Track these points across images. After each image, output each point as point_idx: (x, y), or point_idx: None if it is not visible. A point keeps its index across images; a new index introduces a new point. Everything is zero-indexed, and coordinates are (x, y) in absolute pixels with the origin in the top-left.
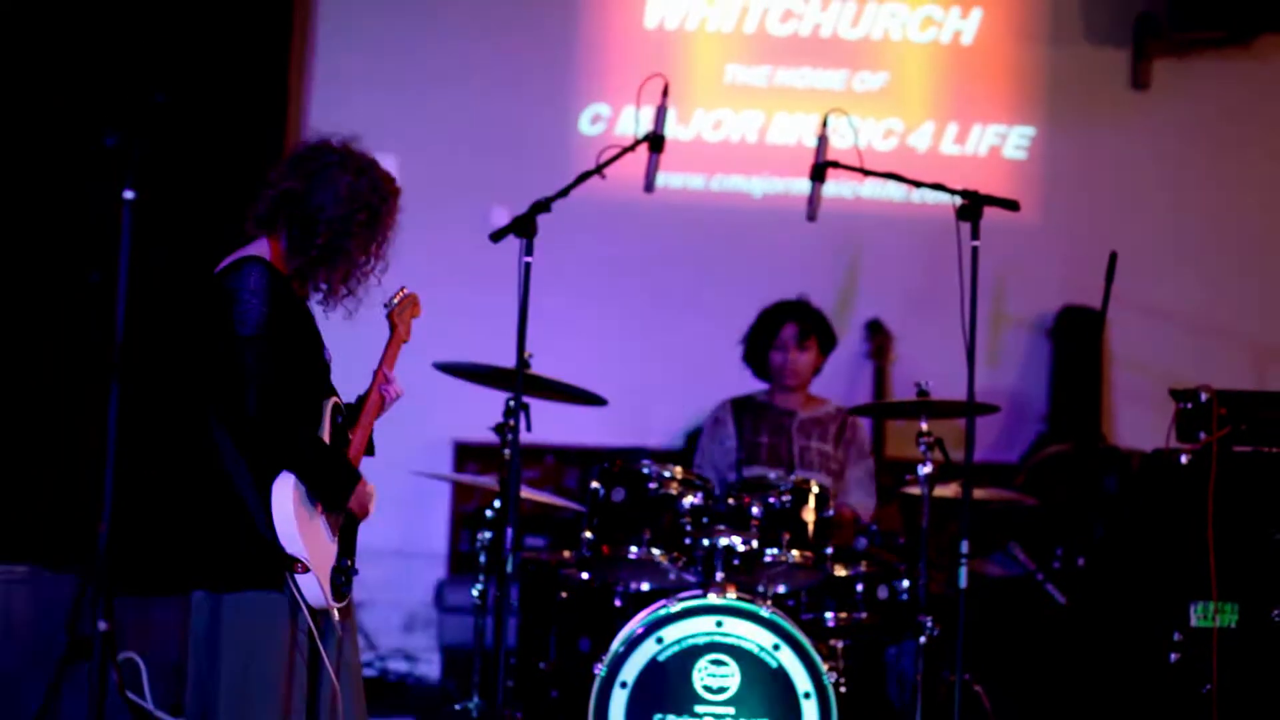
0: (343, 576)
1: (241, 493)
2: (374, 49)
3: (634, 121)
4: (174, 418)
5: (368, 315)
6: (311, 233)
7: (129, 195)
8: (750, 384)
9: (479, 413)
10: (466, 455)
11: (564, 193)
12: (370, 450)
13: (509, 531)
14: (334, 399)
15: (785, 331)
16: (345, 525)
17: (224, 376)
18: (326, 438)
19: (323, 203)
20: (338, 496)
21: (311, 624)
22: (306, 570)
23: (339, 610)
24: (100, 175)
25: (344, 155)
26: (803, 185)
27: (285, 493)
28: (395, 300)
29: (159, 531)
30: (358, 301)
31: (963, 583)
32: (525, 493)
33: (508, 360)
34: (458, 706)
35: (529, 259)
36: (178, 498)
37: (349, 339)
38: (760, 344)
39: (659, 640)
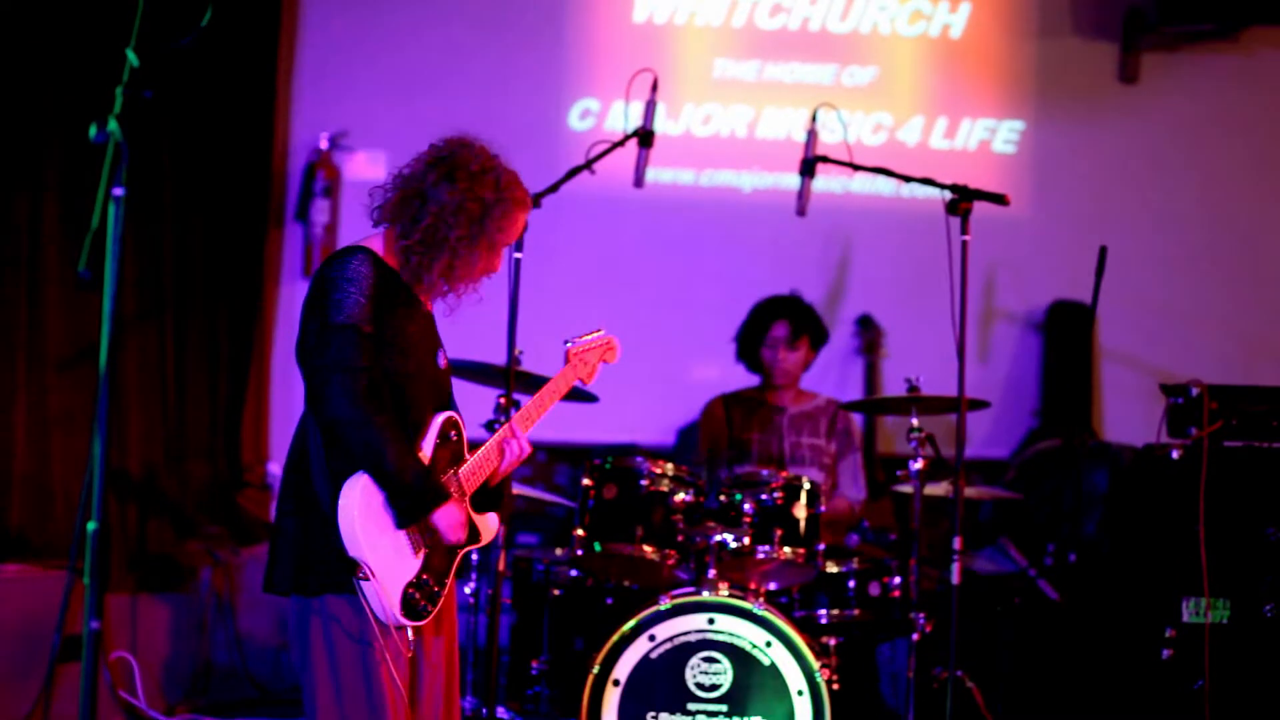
0: (420, 596)
1: (321, 493)
2: (360, 45)
3: (623, 116)
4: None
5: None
6: (418, 217)
7: (118, 192)
8: (742, 379)
9: (470, 410)
10: None
11: (554, 188)
12: (495, 503)
13: (501, 529)
14: (450, 414)
15: (776, 330)
16: (449, 549)
17: (311, 367)
18: (429, 452)
19: (438, 190)
20: (411, 510)
21: (378, 634)
22: (368, 578)
23: (421, 627)
24: (88, 171)
25: (474, 151)
26: (792, 180)
27: (354, 492)
28: (585, 339)
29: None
30: (458, 300)
31: (955, 579)
32: (516, 489)
33: (498, 357)
34: None
35: (519, 255)
36: (283, 500)
37: None
38: (752, 341)
39: (651, 638)
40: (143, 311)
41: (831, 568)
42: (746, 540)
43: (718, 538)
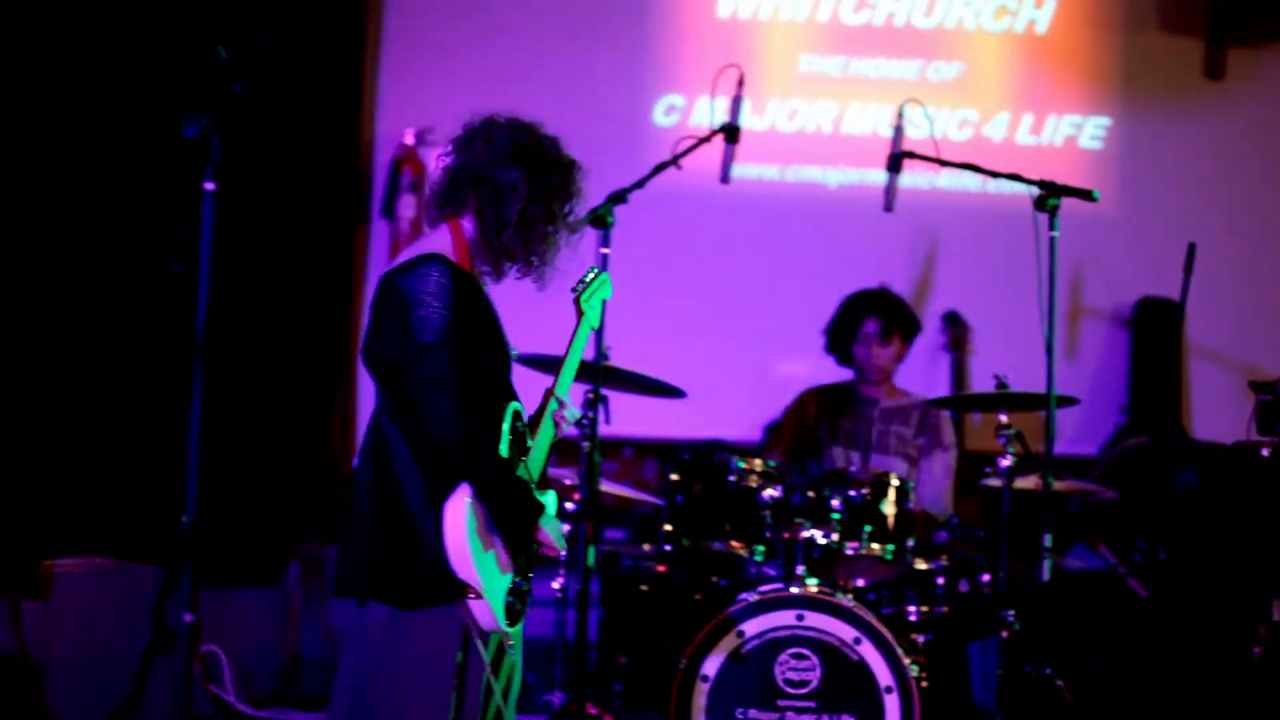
0: (516, 599)
1: (413, 506)
2: (446, 40)
3: (709, 112)
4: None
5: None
6: (502, 204)
7: (209, 187)
8: (829, 374)
9: None
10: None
11: (640, 184)
12: (546, 484)
13: (588, 525)
14: (515, 404)
15: (868, 326)
16: (533, 545)
17: (402, 386)
18: (504, 446)
19: (512, 173)
20: (519, 528)
21: (481, 647)
22: (478, 596)
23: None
24: (180, 166)
25: (517, 124)
26: (878, 175)
27: (459, 513)
28: (584, 281)
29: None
30: (555, 271)
31: (1045, 576)
32: (604, 486)
33: (586, 353)
34: (540, 700)
35: (606, 250)
36: (359, 503)
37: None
38: (843, 337)
39: (740, 634)
40: (233, 306)
41: (920, 564)
42: (835, 536)
43: (806, 534)
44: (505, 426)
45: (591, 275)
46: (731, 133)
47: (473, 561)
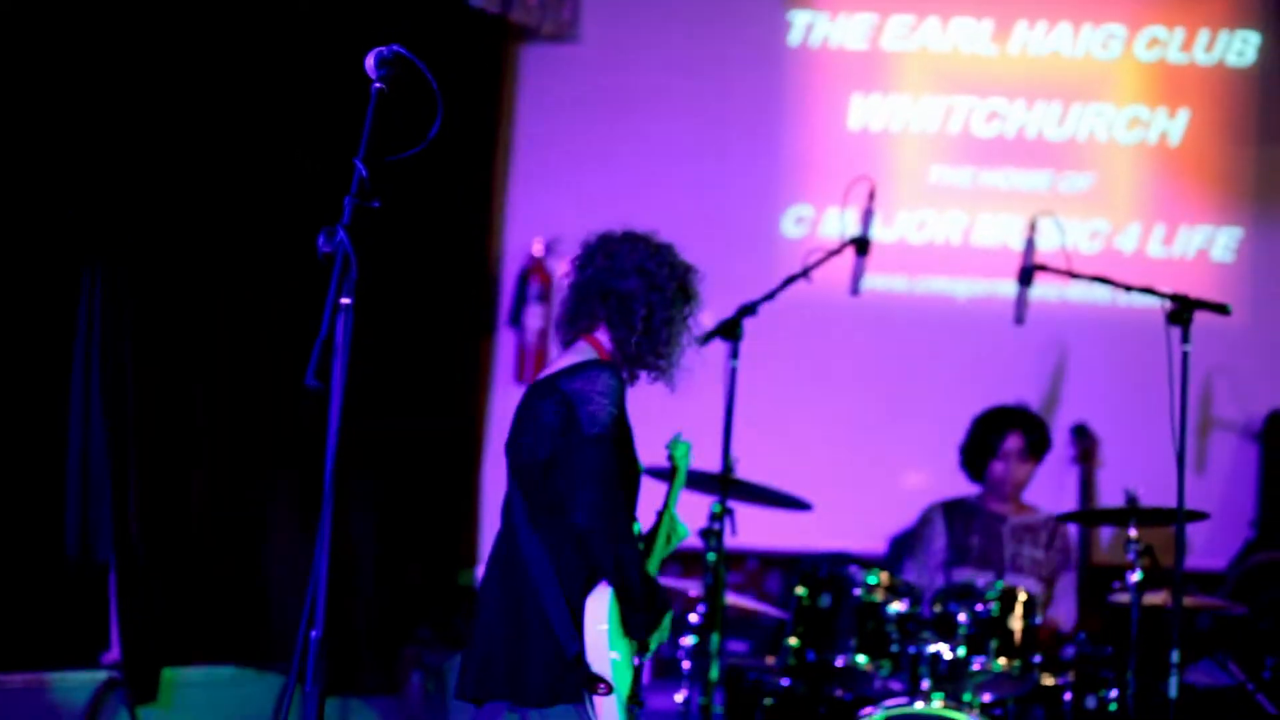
0: (635, 701)
1: (547, 605)
2: (573, 150)
3: (838, 222)
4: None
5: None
6: (630, 313)
7: (345, 301)
8: (956, 488)
9: (681, 517)
10: (667, 559)
11: (771, 296)
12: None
13: (714, 637)
14: (635, 524)
15: (1009, 442)
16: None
17: (559, 478)
18: None
19: (631, 281)
20: (648, 626)
21: None
22: (609, 692)
23: None
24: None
25: (631, 235)
26: (1007, 287)
27: (600, 607)
28: (677, 441)
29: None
30: (684, 372)
31: (1173, 693)
32: (729, 598)
33: (713, 464)
34: None
35: (735, 363)
36: (486, 606)
37: None
38: (981, 452)
39: None
40: (360, 417)
41: (1047, 680)
42: (961, 651)
43: (932, 648)
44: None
45: (676, 440)
46: (862, 245)
47: (609, 655)
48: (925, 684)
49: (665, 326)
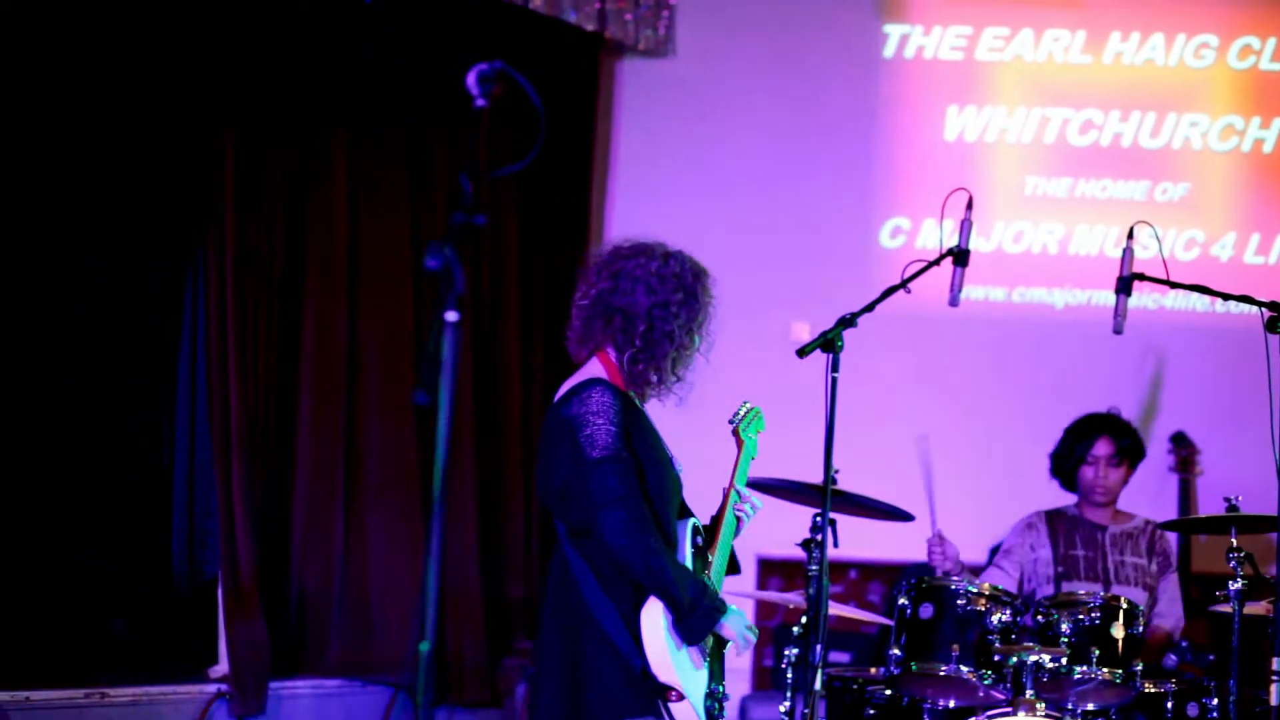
0: (715, 704)
1: (604, 623)
2: (671, 163)
3: (935, 234)
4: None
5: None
6: (632, 326)
7: (451, 317)
8: (1056, 498)
9: (783, 528)
10: (769, 570)
11: (870, 308)
12: (735, 568)
13: (817, 648)
14: (692, 520)
15: (1098, 448)
16: (713, 649)
17: (578, 506)
18: (687, 562)
19: (634, 294)
20: (699, 628)
21: None
22: (681, 699)
23: None
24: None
25: (639, 248)
26: (1105, 296)
27: (655, 618)
28: (740, 415)
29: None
30: (690, 387)
31: (1273, 700)
32: (832, 608)
33: (814, 476)
34: None
35: (835, 375)
36: (545, 630)
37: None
38: (1071, 459)
39: None
40: (461, 433)
41: (1149, 688)
42: (1064, 660)
43: (1034, 657)
44: (686, 541)
45: (745, 409)
46: (961, 256)
47: (672, 664)
48: (1029, 693)
49: (667, 340)
